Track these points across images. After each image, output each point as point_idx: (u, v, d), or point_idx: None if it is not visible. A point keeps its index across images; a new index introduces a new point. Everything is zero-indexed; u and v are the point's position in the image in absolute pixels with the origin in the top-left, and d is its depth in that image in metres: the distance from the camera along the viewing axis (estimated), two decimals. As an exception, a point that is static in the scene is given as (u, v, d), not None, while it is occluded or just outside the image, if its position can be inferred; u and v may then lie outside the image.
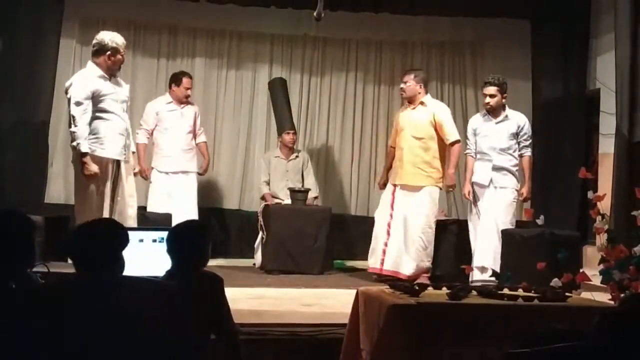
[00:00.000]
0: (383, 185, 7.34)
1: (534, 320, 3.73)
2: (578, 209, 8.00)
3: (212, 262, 7.22)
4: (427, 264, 6.95)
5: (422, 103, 7.05)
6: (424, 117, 7.02)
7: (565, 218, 7.82)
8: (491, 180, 6.76)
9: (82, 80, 5.77)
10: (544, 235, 6.05)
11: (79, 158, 5.69)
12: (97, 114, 5.75)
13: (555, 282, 4.70)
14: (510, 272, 4.96)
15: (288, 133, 8.14)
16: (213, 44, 8.87)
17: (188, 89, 7.72)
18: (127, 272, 2.72)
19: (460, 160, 7.22)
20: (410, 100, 7.09)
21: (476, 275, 6.47)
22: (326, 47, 9.05)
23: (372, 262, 7.08)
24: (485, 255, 6.56)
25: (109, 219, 3.44)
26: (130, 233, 2.84)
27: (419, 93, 7.06)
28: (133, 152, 6.30)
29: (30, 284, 2.87)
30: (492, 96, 6.80)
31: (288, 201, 7.85)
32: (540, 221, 5.23)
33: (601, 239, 4.99)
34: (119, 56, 5.84)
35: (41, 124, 8.00)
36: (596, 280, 5.02)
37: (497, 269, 6.12)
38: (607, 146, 7.64)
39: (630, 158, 6.74)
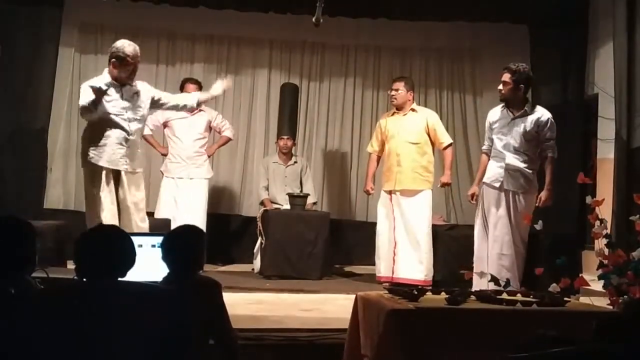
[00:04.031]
0: (371, 191, 7.34)
1: (533, 325, 3.72)
2: (577, 214, 8.00)
3: (211, 267, 7.34)
4: (431, 267, 6.97)
5: (412, 109, 7.17)
6: (418, 122, 7.12)
7: (564, 223, 7.80)
8: (503, 183, 6.02)
9: (90, 83, 5.65)
10: (542, 241, 6.03)
11: (86, 134, 5.74)
12: (99, 120, 5.66)
13: (554, 287, 4.70)
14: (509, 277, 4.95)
15: (282, 138, 8.16)
16: (212, 50, 8.87)
17: None
18: (126, 277, 2.72)
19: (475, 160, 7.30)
20: (400, 107, 7.15)
21: (475, 282, 6.07)
22: (325, 53, 9.05)
23: (383, 270, 7.04)
24: (492, 263, 6.01)
25: (115, 227, 3.41)
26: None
27: (409, 100, 7.18)
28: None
29: (29, 290, 2.87)
30: (505, 84, 6.03)
31: (287, 206, 7.85)
32: (538, 226, 5.22)
33: (600, 244, 5.00)
34: (125, 65, 5.73)
35: (40, 130, 7.99)
36: (595, 285, 5.03)
37: (514, 280, 5.54)
38: (605, 151, 7.64)
39: (629, 163, 6.74)
